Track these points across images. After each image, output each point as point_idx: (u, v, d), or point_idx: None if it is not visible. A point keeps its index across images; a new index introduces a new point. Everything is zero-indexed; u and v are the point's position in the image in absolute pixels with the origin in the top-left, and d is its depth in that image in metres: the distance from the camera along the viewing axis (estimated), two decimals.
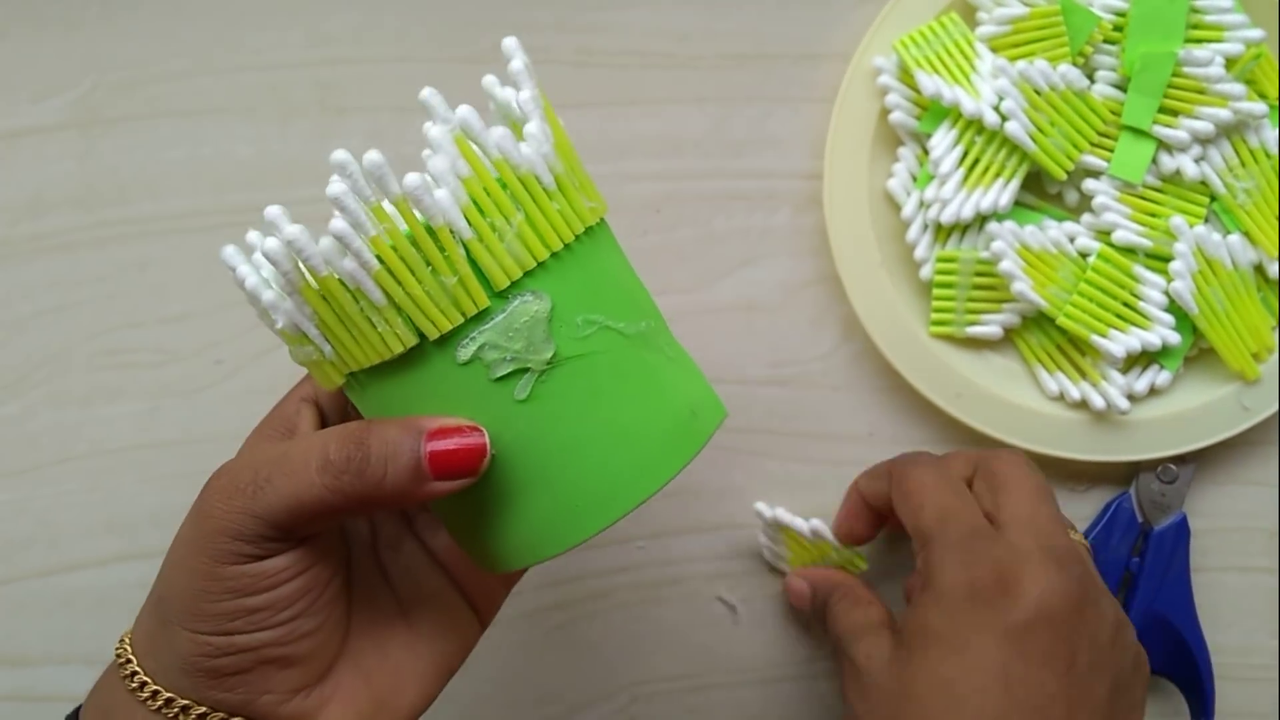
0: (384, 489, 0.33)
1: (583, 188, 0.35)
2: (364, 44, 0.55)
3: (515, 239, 0.33)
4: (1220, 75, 0.50)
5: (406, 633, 0.39)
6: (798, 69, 0.56)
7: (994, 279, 0.53)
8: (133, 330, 0.55)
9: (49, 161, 0.55)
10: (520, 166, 0.34)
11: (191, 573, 0.34)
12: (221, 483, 0.34)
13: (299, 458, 0.33)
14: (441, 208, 0.32)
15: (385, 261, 0.33)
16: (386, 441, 0.33)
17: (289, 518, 0.33)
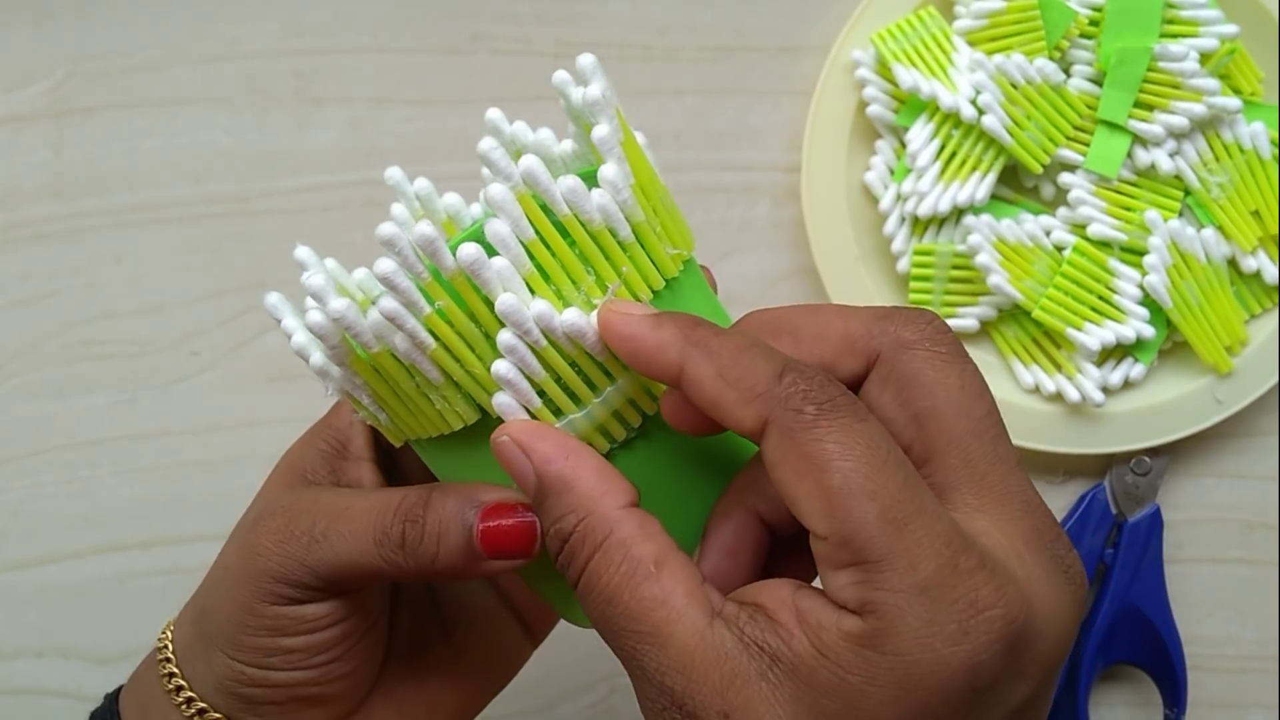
0: (438, 568, 0.31)
1: (666, 231, 0.31)
2: (342, 34, 0.55)
3: (584, 305, 0.30)
4: (1195, 70, 0.51)
5: (447, 658, 0.38)
6: (777, 62, 0.56)
7: (971, 272, 0.53)
8: (109, 321, 0.55)
9: (23, 151, 0.55)
10: (593, 221, 0.30)
11: (232, 602, 0.33)
12: (277, 524, 0.33)
13: (359, 520, 0.32)
14: (502, 279, 0.29)
15: (442, 339, 0.30)
16: (441, 519, 0.31)
17: (340, 577, 0.33)
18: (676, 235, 0.32)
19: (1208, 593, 0.57)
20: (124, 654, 0.55)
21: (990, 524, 0.26)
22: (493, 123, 0.34)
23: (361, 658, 0.35)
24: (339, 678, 0.35)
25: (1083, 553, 0.55)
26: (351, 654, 0.35)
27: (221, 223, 0.55)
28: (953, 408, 0.27)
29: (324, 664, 0.34)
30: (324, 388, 0.33)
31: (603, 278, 0.30)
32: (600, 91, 0.31)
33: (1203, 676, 0.57)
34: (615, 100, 0.31)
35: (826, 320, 0.29)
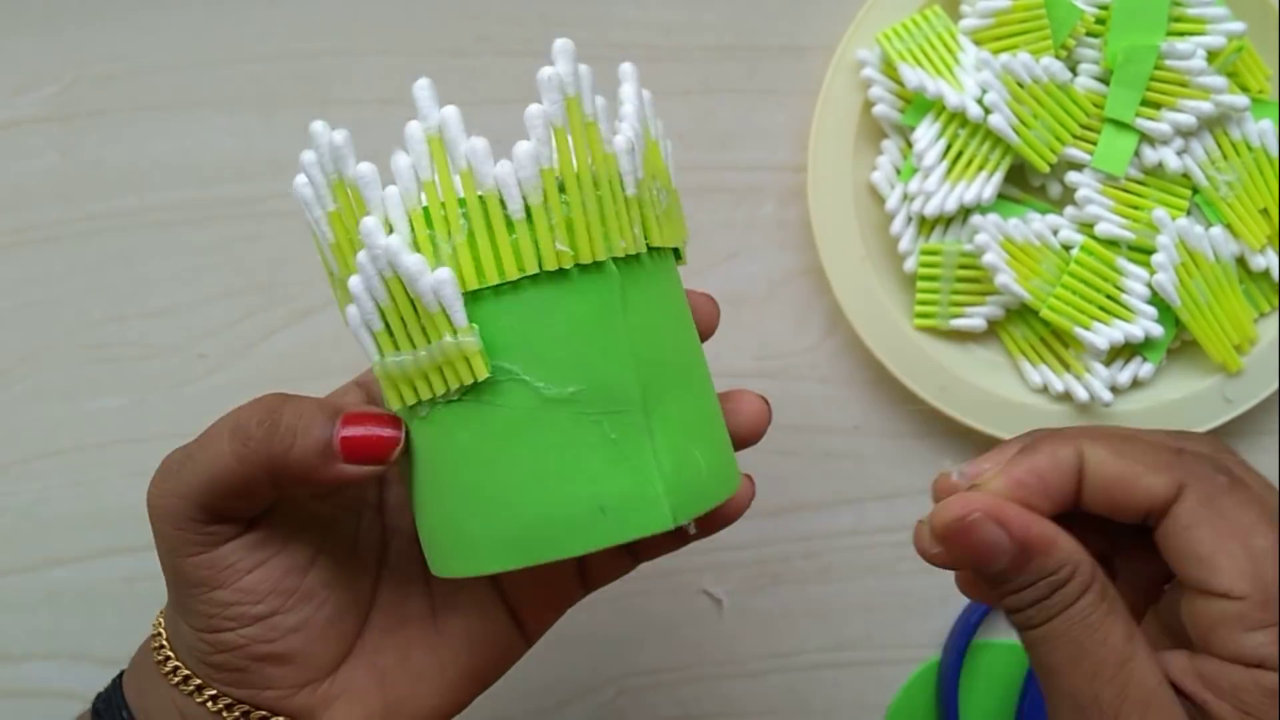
0: (290, 460, 0.32)
1: (574, 226, 0.31)
2: (347, 36, 0.55)
3: (449, 259, 0.31)
4: (1202, 68, 0.51)
5: (432, 636, 0.38)
6: (782, 62, 0.56)
7: (978, 271, 0.53)
8: (116, 324, 0.55)
9: (31, 155, 0.55)
10: (484, 183, 0.31)
11: (166, 569, 0.34)
12: (161, 466, 0.34)
13: (220, 429, 0.33)
14: (386, 205, 0.31)
15: (337, 236, 0.33)
16: (300, 414, 0.32)
17: (208, 494, 0.33)
18: (590, 236, 0.32)
19: None
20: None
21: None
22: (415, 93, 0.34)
23: (310, 610, 0.35)
24: (289, 631, 0.35)
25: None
26: (293, 605, 0.35)
27: (229, 225, 0.55)
28: None
29: (266, 615, 0.34)
30: None
31: (475, 239, 0.31)
32: (549, 73, 0.32)
33: None
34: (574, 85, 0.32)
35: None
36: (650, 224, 0.34)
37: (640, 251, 0.33)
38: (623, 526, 0.32)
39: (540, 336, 0.31)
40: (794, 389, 0.56)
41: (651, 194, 0.34)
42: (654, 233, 0.34)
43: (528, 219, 0.31)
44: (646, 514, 0.32)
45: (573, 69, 0.32)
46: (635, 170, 0.33)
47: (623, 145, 0.33)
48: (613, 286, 0.32)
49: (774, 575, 0.56)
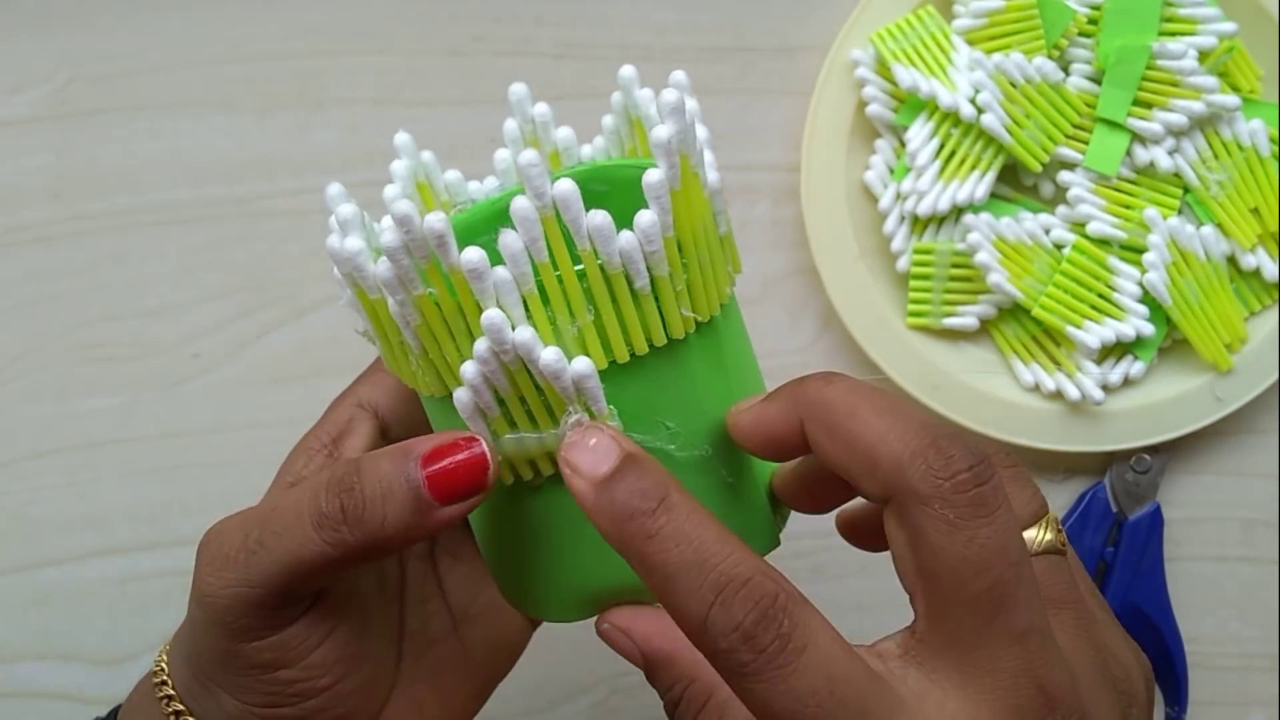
0: (389, 531, 0.29)
1: (694, 286, 0.30)
2: (342, 36, 0.55)
3: (574, 340, 0.29)
4: (1193, 68, 0.51)
5: (459, 652, 0.37)
6: (775, 62, 0.56)
7: (970, 270, 0.53)
8: (110, 324, 0.55)
9: (25, 154, 0.55)
10: (611, 264, 0.29)
11: (213, 651, 0.32)
12: (210, 553, 0.31)
13: (290, 513, 0.30)
14: (499, 291, 0.29)
15: (427, 319, 0.30)
16: (379, 479, 0.30)
17: (290, 580, 0.30)
18: (706, 293, 0.31)
19: (1208, 591, 0.57)
20: (125, 656, 0.56)
21: (964, 704, 0.26)
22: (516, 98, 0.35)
23: (370, 666, 0.34)
24: (351, 692, 0.33)
25: (1083, 551, 0.55)
26: (356, 666, 0.33)
27: (223, 225, 0.55)
28: (950, 578, 0.26)
29: (330, 685, 0.33)
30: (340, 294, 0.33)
31: (602, 318, 0.29)
32: (668, 134, 0.29)
33: (1204, 675, 0.57)
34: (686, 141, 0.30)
35: (863, 429, 0.27)
36: (734, 256, 0.34)
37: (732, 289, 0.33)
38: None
39: (665, 401, 0.31)
40: None
41: (728, 221, 0.34)
42: (737, 263, 0.34)
43: (653, 290, 0.30)
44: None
45: (684, 125, 0.30)
46: (722, 206, 0.33)
47: (715, 184, 0.32)
48: (719, 334, 0.32)
49: None
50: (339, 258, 0.30)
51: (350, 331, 0.55)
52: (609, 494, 0.27)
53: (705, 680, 0.29)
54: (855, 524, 0.35)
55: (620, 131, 0.36)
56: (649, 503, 0.27)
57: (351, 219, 0.31)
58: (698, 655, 0.27)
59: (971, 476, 0.26)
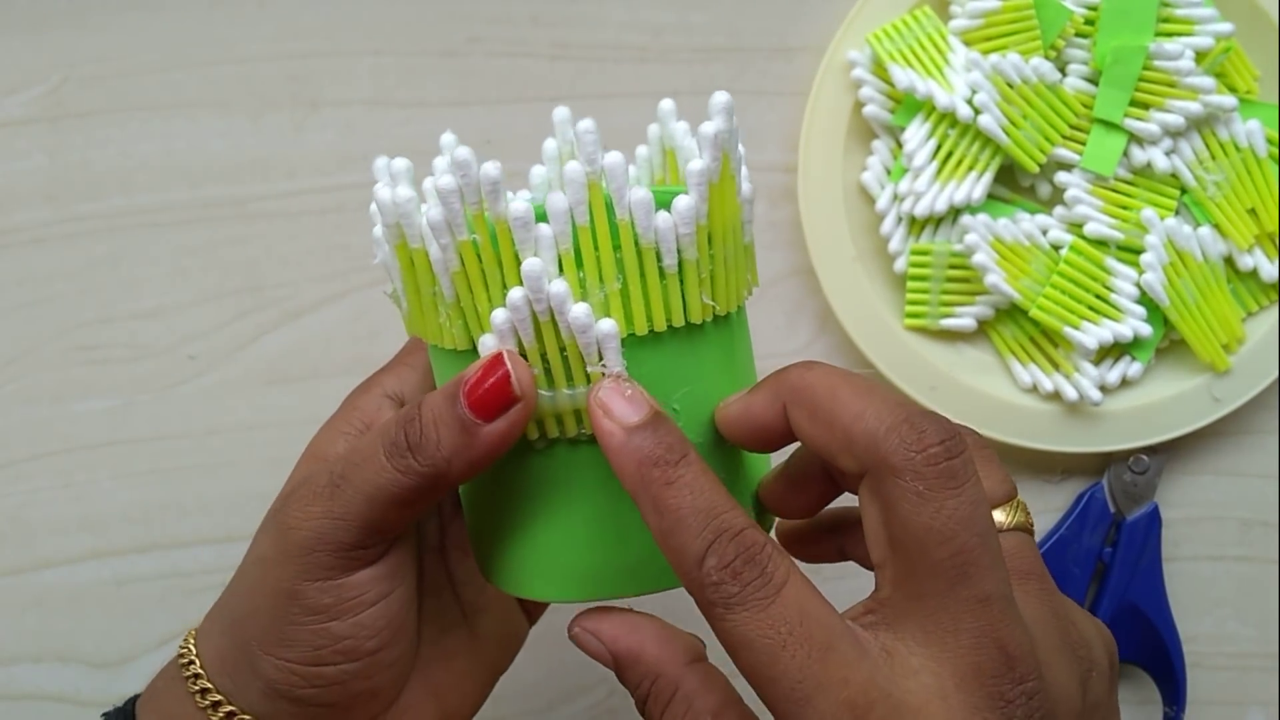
0: (445, 453, 0.32)
1: (716, 280, 0.33)
2: (337, 37, 0.55)
3: (600, 305, 0.31)
4: (1190, 69, 0.51)
5: (469, 641, 0.38)
6: (772, 62, 0.56)
7: (968, 271, 0.53)
8: (105, 325, 0.55)
9: (19, 156, 0.55)
10: (645, 237, 0.31)
11: (275, 594, 0.33)
12: (300, 493, 0.33)
13: (368, 448, 0.33)
14: (538, 244, 0.31)
15: (466, 265, 0.32)
16: (433, 408, 0.32)
17: (373, 511, 0.32)
18: (727, 288, 0.33)
19: (1206, 591, 0.57)
20: (122, 658, 0.55)
21: (926, 661, 0.27)
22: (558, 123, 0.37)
23: (404, 645, 0.35)
24: (387, 665, 0.35)
25: (1081, 551, 0.55)
26: (396, 640, 0.35)
27: (218, 226, 0.55)
28: (917, 545, 0.28)
29: (373, 651, 0.34)
30: (374, 252, 0.35)
31: (629, 288, 0.31)
32: (715, 129, 0.31)
33: (1202, 674, 0.57)
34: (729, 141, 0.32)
35: (842, 409, 0.29)
36: (755, 267, 0.36)
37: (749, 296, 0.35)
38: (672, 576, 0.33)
39: (675, 382, 0.32)
40: None
41: (753, 235, 0.36)
42: (755, 277, 0.36)
43: (679, 272, 0.32)
44: None
45: (731, 125, 0.32)
46: (751, 217, 0.35)
47: (749, 194, 0.34)
48: (734, 332, 0.34)
49: None
50: (386, 207, 0.32)
51: (346, 333, 0.55)
52: (638, 440, 0.29)
53: (671, 675, 0.31)
54: (799, 534, 0.38)
55: (653, 161, 0.38)
56: (673, 454, 0.29)
57: (403, 172, 0.34)
58: (663, 653, 0.31)
59: (942, 450, 0.28)
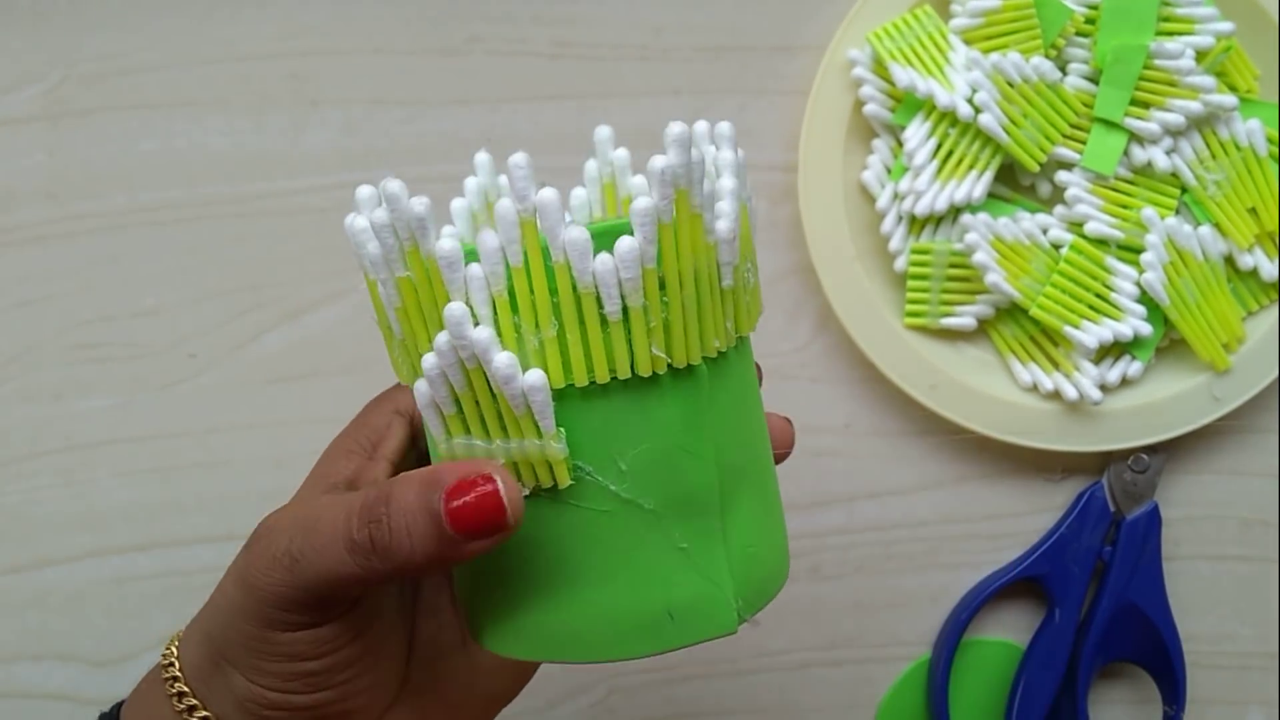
0: (418, 560, 0.30)
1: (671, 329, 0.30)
2: (338, 35, 0.55)
3: (535, 352, 0.29)
4: (1191, 68, 0.51)
5: (466, 668, 0.38)
6: (772, 61, 0.56)
7: (968, 270, 0.53)
8: (105, 324, 0.55)
9: (19, 154, 0.55)
10: (582, 282, 0.29)
11: (242, 632, 0.33)
12: (261, 548, 0.32)
13: (327, 532, 0.31)
14: (469, 287, 0.29)
15: (405, 304, 0.30)
16: (405, 511, 0.30)
17: (330, 590, 0.31)
18: (686, 339, 0.30)
19: (1206, 590, 0.57)
20: (122, 657, 0.55)
21: None
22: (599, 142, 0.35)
23: (383, 669, 0.35)
24: (362, 691, 0.34)
25: (1080, 550, 0.55)
26: (372, 666, 0.34)
27: (218, 225, 0.55)
28: None
29: (346, 681, 0.33)
30: None
31: (566, 335, 0.29)
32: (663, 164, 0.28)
33: (1201, 674, 0.57)
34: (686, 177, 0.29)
35: None
36: (741, 314, 0.32)
37: (730, 346, 0.32)
38: (688, 631, 0.31)
39: (624, 439, 0.30)
40: (785, 388, 0.56)
41: (744, 277, 0.32)
42: (743, 322, 0.32)
43: (624, 320, 0.29)
44: (714, 619, 0.31)
45: (687, 160, 0.29)
46: (733, 258, 0.31)
47: (725, 234, 0.31)
48: (701, 388, 0.31)
49: None
50: (349, 234, 0.31)
51: (346, 332, 0.55)
52: None
53: None
54: None
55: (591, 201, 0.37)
56: None
57: (367, 200, 0.31)
58: None
59: None
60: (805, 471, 0.56)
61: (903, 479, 0.56)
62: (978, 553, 0.57)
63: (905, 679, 0.57)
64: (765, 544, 0.33)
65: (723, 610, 0.31)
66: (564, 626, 0.31)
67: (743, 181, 0.32)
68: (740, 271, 0.32)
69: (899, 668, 0.57)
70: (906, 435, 0.56)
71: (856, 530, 0.57)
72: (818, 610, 0.57)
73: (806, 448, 0.56)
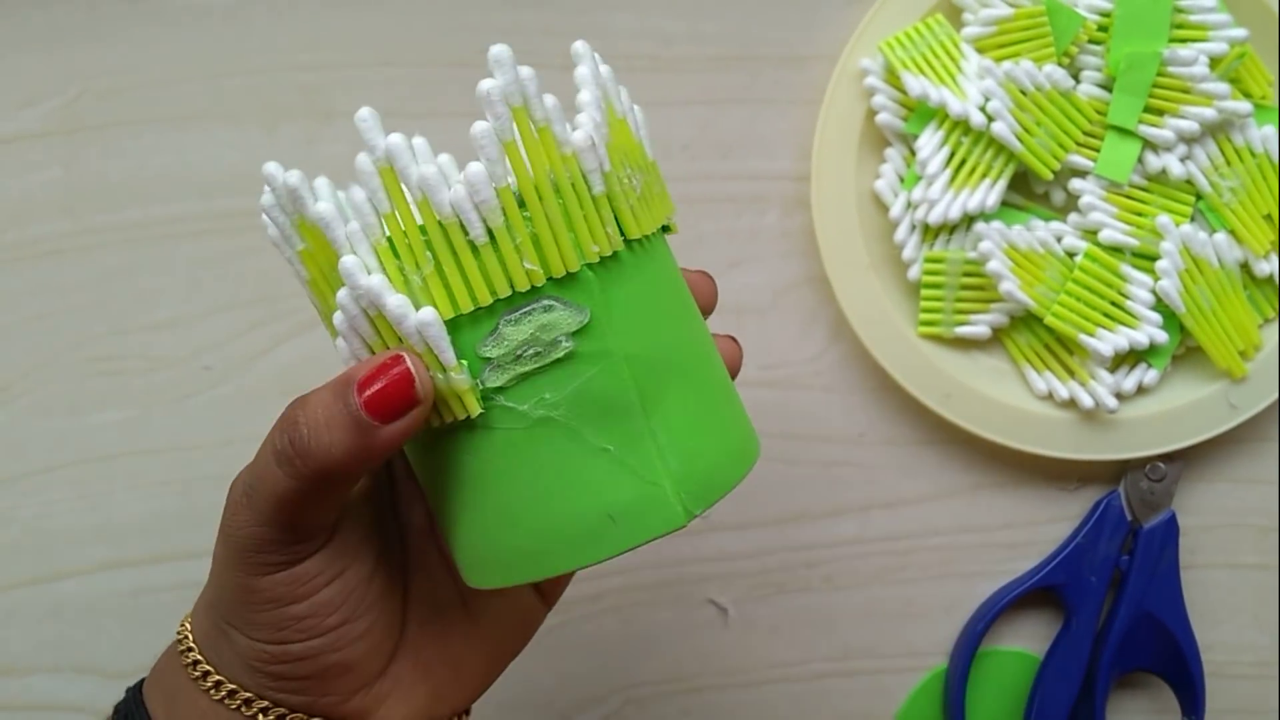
0: (338, 456, 0.31)
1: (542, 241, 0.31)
2: (350, 49, 0.55)
3: (421, 290, 0.31)
4: (1204, 74, 0.50)
5: (465, 621, 0.39)
6: (784, 71, 0.56)
7: (981, 279, 0.53)
8: (120, 337, 0.55)
9: (35, 168, 0.55)
10: (441, 211, 0.30)
11: (234, 588, 0.34)
12: (230, 498, 0.34)
13: (261, 455, 0.33)
14: (352, 242, 0.31)
15: (311, 274, 0.33)
16: (319, 409, 0.31)
17: (284, 515, 0.32)
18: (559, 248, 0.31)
19: (1224, 599, 0.57)
20: (138, 669, 0.55)
21: None
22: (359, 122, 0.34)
23: (374, 614, 0.36)
24: (357, 638, 0.35)
25: (1098, 559, 0.55)
26: (362, 612, 0.35)
27: (232, 237, 0.55)
28: None
29: (338, 625, 0.34)
30: None
31: (443, 269, 0.31)
32: (488, 87, 0.31)
33: (1221, 683, 0.56)
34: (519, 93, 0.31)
35: None
36: (626, 217, 0.33)
37: (618, 249, 0.32)
38: (635, 531, 0.32)
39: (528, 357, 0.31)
40: (798, 398, 0.56)
41: (623, 182, 0.33)
42: (630, 225, 0.33)
43: (491, 242, 0.31)
44: (658, 515, 0.32)
45: (513, 77, 0.31)
46: (601, 164, 0.32)
47: (583, 142, 0.32)
48: (591, 293, 0.32)
49: (779, 584, 0.56)
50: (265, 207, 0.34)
51: None
52: None
53: None
54: None
55: None
56: None
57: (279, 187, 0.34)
58: None
59: None
60: (819, 481, 0.56)
61: (917, 488, 0.56)
62: (993, 562, 0.57)
63: (921, 690, 0.57)
64: (706, 435, 0.33)
65: (663, 507, 0.32)
66: (520, 547, 0.32)
67: (614, 94, 0.34)
68: (615, 177, 0.32)
69: (915, 678, 0.57)
70: (921, 445, 0.56)
71: (871, 540, 0.56)
72: (832, 621, 0.57)
73: (820, 458, 0.56)
